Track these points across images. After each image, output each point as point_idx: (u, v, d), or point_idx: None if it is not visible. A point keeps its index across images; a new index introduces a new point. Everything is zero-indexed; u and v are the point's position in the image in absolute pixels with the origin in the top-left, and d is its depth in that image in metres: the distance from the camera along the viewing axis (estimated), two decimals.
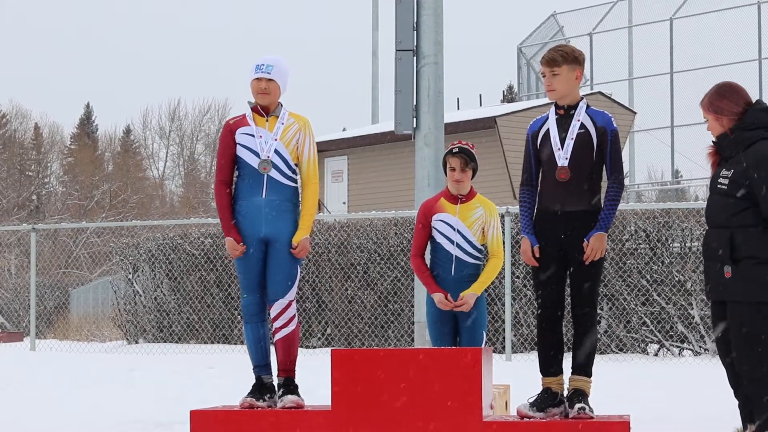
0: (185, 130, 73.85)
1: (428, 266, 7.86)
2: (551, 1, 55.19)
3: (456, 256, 7.69)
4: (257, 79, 7.39)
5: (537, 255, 7.00)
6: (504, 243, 15.97)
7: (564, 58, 7.01)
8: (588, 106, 7.07)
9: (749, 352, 6.16)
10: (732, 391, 6.46)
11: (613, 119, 7.07)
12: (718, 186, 6.32)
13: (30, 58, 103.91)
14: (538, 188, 7.15)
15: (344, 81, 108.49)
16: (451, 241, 7.71)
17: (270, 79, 7.38)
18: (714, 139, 6.49)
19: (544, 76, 7.09)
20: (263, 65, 7.40)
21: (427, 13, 12.47)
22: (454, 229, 7.73)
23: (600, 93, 31.57)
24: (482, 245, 7.79)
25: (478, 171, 7.82)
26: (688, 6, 35.98)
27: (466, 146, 7.77)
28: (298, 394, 7.28)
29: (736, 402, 6.45)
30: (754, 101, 6.42)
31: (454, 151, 7.73)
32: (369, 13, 37.36)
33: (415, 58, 12.51)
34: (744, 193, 6.20)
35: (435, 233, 7.80)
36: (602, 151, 6.97)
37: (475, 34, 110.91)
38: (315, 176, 7.50)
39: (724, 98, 6.38)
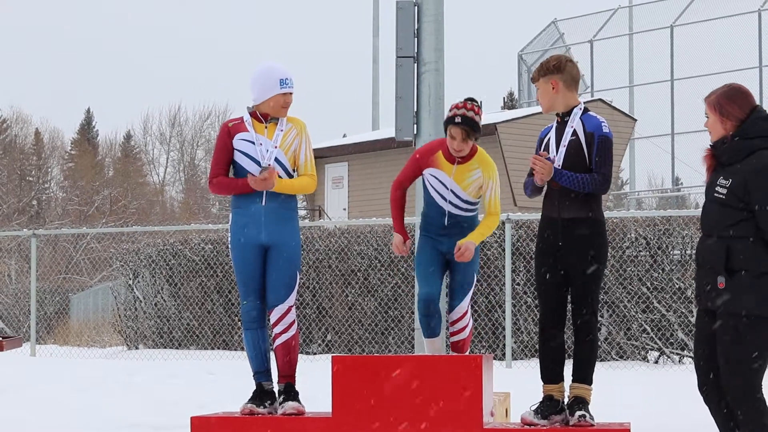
0: (186, 136, 73.93)
1: (422, 212, 7.70)
2: (552, 8, 55.33)
3: (449, 211, 7.58)
4: (284, 94, 7.39)
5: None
6: (504, 250, 16.05)
7: (539, 71, 7.08)
8: (585, 112, 7.05)
9: (736, 364, 6.12)
10: (702, 396, 6.42)
11: (604, 124, 6.99)
12: (716, 195, 6.23)
13: (30, 64, 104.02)
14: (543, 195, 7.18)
15: (345, 87, 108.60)
16: (444, 198, 7.56)
17: (292, 93, 7.44)
18: (711, 143, 6.42)
19: None
20: (288, 80, 7.40)
21: (428, 20, 12.48)
22: (447, 188, 7.55)
23: (600, 100, 31.60)
24: (477, 198, 7.62)
25: None
26: (688, 13, 36.01)
27: (471, 113, 7.46)
28: (298, 401, 7.28)
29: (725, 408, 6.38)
30: (755, 107, 6.31)
31: (456, 120, 7.41)
32: (369, 20, 37.39)
33: (415, 64, 12.52)
34: (742, 204, 6.12)
35: (428, 185, 7.61)
36: (591, 156, 6.96)
37: (476, 41, 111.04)
38: (312, 171, 7.51)
39: (733, 103, 6.27)
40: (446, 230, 7.59)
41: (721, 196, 6.19)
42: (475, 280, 7.72)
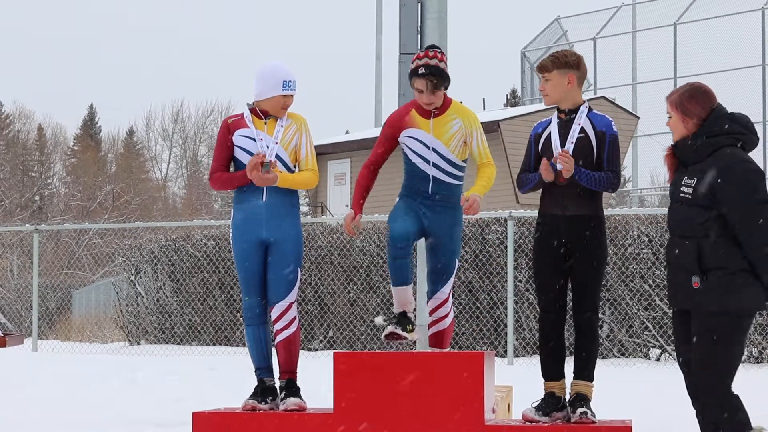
0: (188, 132, 73.98)
1: (402, 186, 7.25)
2: (555, 6, 55.30)
3: (433, 176, 7.15)
4: (284, 96, 7.35)
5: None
6: (506, 247, 16.05)
7: (554, 63, 6.98)
8: (590, 110, 7.06)
9: (709, 361, 6.09)
10: (691, 399, 6.38)
11: (613, 123, 7.04)
12: (682, 195, 6.18)
13: (33, 60, 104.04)
14: (541, 192, 7.16)
15: (347, 84, 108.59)
16: (427, 161, 7.15)
17: (293, 95, 7.40)
18: (673, 143, 6.38)
19: None
20: (290, 82, 7.33)
21: (432, 17, 12.47)
22: (428, 148, 7.11)
23: (603, 98, 31.60)
24: (463, 160, 7.21)
25: None
26: (692, 11, 36.01)
27: (434, 60, 7.04)
28: (300, 397, 7.28)
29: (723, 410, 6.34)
30: (716, 105, 6.26)
31: (420, 72, 7.01)
32: (372, 17, 37.39)
33: None
34: (709, 203, 6.07)
35: (407, 151, 7.18)
36: (601, 154, 6.96)
37: (479, 38, 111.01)
38: (314, 166, 7.45)
39: (695, 102, 6.23)
40: (430, 199, 7.20)
41: (688, 196, 6.15)
42: (457, 266, 7.35)
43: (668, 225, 6.36)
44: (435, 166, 7.19)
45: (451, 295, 7.41)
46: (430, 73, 7.03)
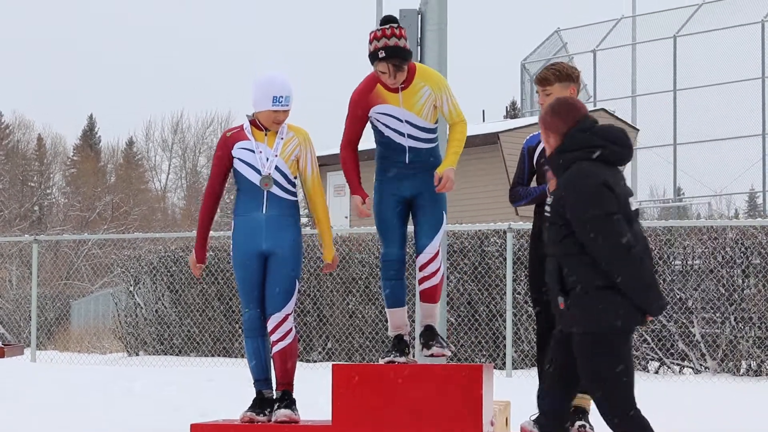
0: (188, 143, 73.97)
1: (377, 157, 7.22)
2: (555, 18, 55.32)
3: (409, 146, 7.10)
4: (275, 111, 7.31)
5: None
6: (506, 259, 16.03)
7: (556, 77, 6.96)
8: None
9: (600, 385, 5.91)
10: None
11: None
12: (545, 214, 6.02)
13: (33, 70, 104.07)
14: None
15: (347, 91, 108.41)
16: (401, 134, 7.09)
17: (286, 111, 7.36)
18: (543, 159, 6.20)
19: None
20: (281, 97, 7.27)
21: (432, 28, 12.47)
22: (401, 121, 7.05)
23: (603, 110, 31.60)
24: (434, 123, 7.13)
25: (480, 186, 7.48)
26: (691, 24, 36.03)
27: (392, 40, 6.91)
28: (292, 409, 7.23)
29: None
30: (581, 118, 5.98)
31: (380, 56, 6.87)
32: (371, 22, 37.38)
33: None
34: (562, 220, 5.84)
35: (380, 126, 7.11)
36: None
37: (479, 50, 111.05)
38: (320, 188, 7.55)
39: (556, 116, 5.98)
40: (409, 168, 7.14)
41: (548, 214, 5.98)
42: (445, 219, 7.25)
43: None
44: (410, 137, 7.11)
45: (441, 249, 7.25)
46: (390, 57, 6.90)
